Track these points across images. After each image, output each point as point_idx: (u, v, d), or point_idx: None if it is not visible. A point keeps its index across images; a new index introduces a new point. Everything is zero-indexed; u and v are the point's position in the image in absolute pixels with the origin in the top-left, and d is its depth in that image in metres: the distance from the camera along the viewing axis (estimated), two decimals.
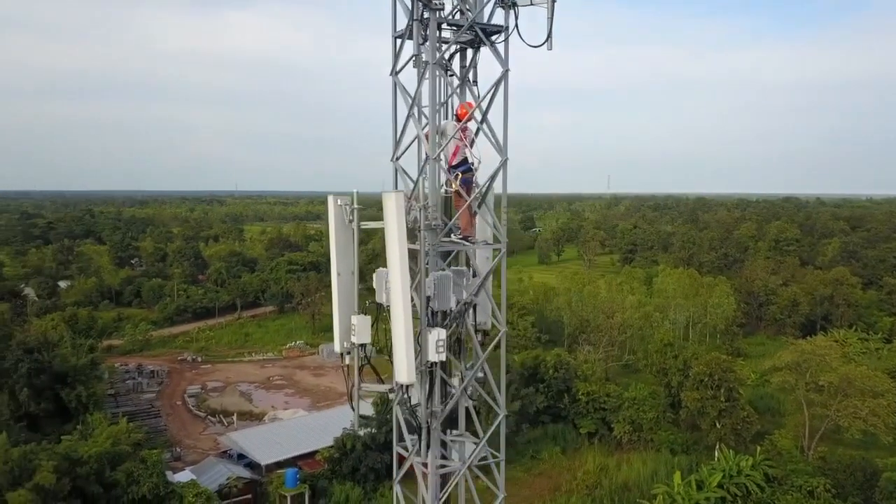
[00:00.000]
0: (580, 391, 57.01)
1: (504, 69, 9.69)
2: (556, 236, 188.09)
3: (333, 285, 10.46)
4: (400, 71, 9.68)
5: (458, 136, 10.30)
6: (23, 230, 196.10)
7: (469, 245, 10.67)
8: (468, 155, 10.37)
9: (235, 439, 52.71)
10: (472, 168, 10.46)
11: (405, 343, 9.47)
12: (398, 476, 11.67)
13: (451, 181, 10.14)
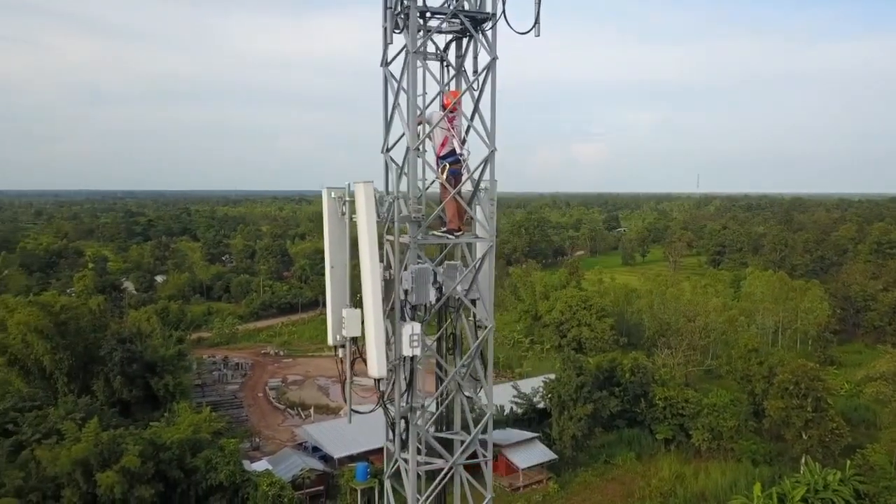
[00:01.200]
0: (657, 396, 55.36)
1: (492, 57, 9.45)
2: (642, 236, 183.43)
3: (327, 278, 10.51)
4: (391, 62, 9.59)
5: (445, 126, 10.13)
6: (126, 227, 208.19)
7: (453, 238, 10.48)
8: (456, 146, 10.16)
9: (310, 432, 54.06)
10: (461, 159, 10.25)
11: (375, 336, 9.44)
12: (388, 472, 11.60)
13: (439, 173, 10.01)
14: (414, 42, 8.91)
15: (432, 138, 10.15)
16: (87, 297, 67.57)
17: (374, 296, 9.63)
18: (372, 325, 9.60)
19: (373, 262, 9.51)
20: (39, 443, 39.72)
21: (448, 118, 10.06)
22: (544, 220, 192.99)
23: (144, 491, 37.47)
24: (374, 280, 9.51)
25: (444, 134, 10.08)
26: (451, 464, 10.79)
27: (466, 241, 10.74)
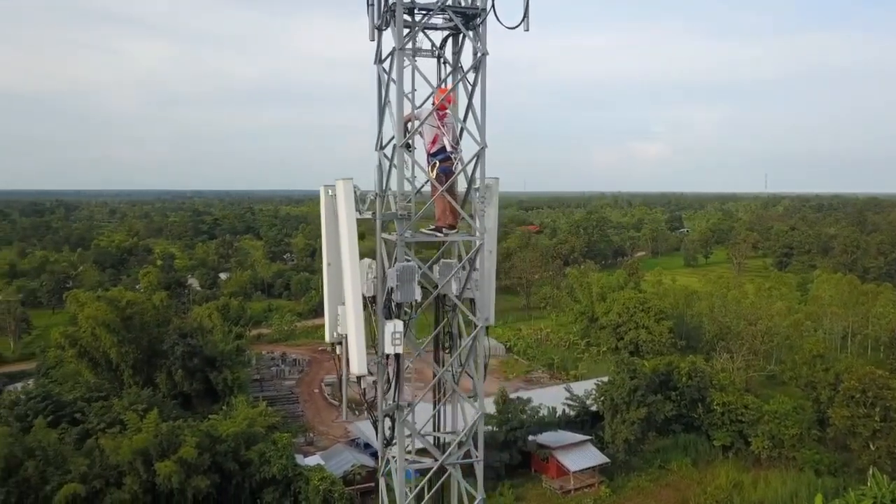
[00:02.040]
0: (716, 401, 53.84)
1: (482, 53, 9.30)
2: (705, 237, 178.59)
3: (324, 275, 10.56)
4: (384, 60, 9.55)
5: (435, 123, 10.01)
6: (193, 226, 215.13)
7: (442, 236, 10.38)
8: (446, 143, 10.03)
9: (363, 428, 54.60)
10: (452, 157, 10.11)
11: (356, 333, 9.41)
12: (382, 470, 11.56)
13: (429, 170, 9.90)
14: (400, 39, 8.88)
15: (422, 135, 10.10)
16: (151, 293, 70.06)
17: (353, 293, 9.68)
18: (353, 323, 9.65)
19: (352, 259, 9.57)
20: (104, 432, 41.44)
21: (438, 115, 9.98)
22: (604, 220, 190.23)
23: (200, 482, 38.65)
24: (354, 277, 9.55)
25: (434, 131, 10.00)
26: (440, 463, 10.68)
27: (453, 239, 10.67)
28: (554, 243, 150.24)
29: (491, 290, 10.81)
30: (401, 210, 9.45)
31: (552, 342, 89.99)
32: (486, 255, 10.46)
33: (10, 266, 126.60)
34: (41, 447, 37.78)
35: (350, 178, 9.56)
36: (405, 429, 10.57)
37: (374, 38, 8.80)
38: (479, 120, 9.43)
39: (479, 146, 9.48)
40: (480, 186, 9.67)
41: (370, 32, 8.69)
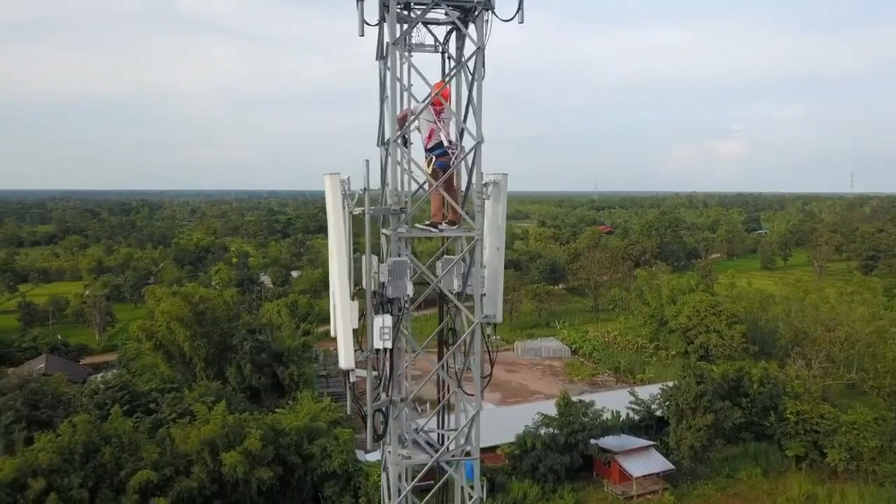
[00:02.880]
0: (789, 409, 51.61)
1: (477, 46, 9.13)
2: (784, 239, 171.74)
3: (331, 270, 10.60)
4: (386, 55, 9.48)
5: (431, 118, 9.88)
6: (267, 225, 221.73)
7: (437, 232, 10.25)
8: (442, 138, 9.87)
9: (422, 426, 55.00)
10: (449, 152, 9.95)
11: (343, 328, 9.39)
12: (385, 464, 11.51)
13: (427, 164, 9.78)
14: (394, 34, 8.85)
15: (420, 131, 10.03)
16: (223, 289, 72.55)
17: (341, 287, 9.73)
18: (340, 317, 9.70)
19: (339, 254, 9.61)
20: (175, 422, 43.14)
21: (435, 110, 9.89)
22: (678, 221, 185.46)
23: (264, 473, 39.74)
24: (342, 271, 9.59)
25: (431, 126, 9.91)
26: (435, 459, 10.61)
27: (448, 234, 10.58)
28: (625, 244, 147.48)
29: (498, 288, 10.70)
30: (394, 205, 9.45)
31: (620, 345, 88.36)
32: (494, 253, 10.37)
33: (98, 262, 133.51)
34: (117, 434, 39.65)
35: (337, 173, 9.64)
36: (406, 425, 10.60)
37: (362, 34, 8.82)
38: (477, 115, 9.33)
39: (476, 141, 9.38)
40: (477, 182, 9.57)
41: (359, 27, 8.71)
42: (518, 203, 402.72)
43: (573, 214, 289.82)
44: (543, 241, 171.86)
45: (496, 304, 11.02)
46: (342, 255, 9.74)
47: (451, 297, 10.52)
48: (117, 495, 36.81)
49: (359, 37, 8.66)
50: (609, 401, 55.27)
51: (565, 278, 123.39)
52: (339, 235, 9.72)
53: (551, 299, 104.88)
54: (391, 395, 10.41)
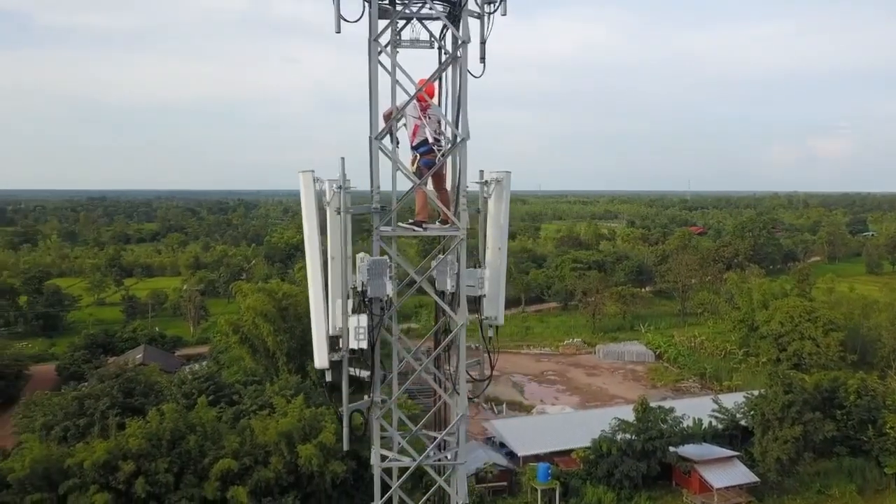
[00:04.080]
0: (889, 424, 48.34)
1: (461, 40, 8.78)
2: (893, 242, 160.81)
3: (330, 270, 10.54)
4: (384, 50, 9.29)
5: (416, 114, 9.61)
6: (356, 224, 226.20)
7: (421, 231, 9.95)
8: (427, 135, 9.57)
9: (498, 427, 54.88)
10: (434, 149, 9.65)
11: (316, 327, 9.29)
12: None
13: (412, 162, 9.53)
14: (374, 30, 8.70)
15: (406, 128, 9.85)
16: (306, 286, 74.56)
17: (314, 285, 9.66)
18: (314, 316, 9.64)
19: (312, 252, 9.55)
20: (255, 413, 44.70)
21: (421, 107, 9.68)
22: (774, 222, 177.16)
23: (338, 467, 40.60)
24: (314, 270, 9.52)
25: (415, 122, 9.70)
26: (418, 463, 10.38)
27: (432, 233, 10.35)
28: (716, 246, 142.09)
29: (500, 289, 10.44)
30: (374, 204, 9.37)
31: (707, 350, 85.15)
32: (496, 253, 10.12)
33: (195, 259, 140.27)
34: (201, 423, 41.46)
35: (311, 171, 9.62)
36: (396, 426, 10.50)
37: (338, 31, 8.74)
38: (460, 110, 9.11)
39: (460, 138, 9.15)
40: (462, 180, 9.34)
41: (336, 24, 8.63)
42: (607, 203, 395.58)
43: (664, 215, 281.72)
44: (631, 241, 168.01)
45: (497, 305, 10.78)
46: (314, 254, 9.77)
47: (435, 297, 10.43)
48: (200, 481, 38.47)
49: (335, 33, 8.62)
50: (691, 408, 53.42)
51: (652, 280, 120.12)
52: (312, 234, 9.75)
53: (636, 302, 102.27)
54: (372, 395, 10.35)
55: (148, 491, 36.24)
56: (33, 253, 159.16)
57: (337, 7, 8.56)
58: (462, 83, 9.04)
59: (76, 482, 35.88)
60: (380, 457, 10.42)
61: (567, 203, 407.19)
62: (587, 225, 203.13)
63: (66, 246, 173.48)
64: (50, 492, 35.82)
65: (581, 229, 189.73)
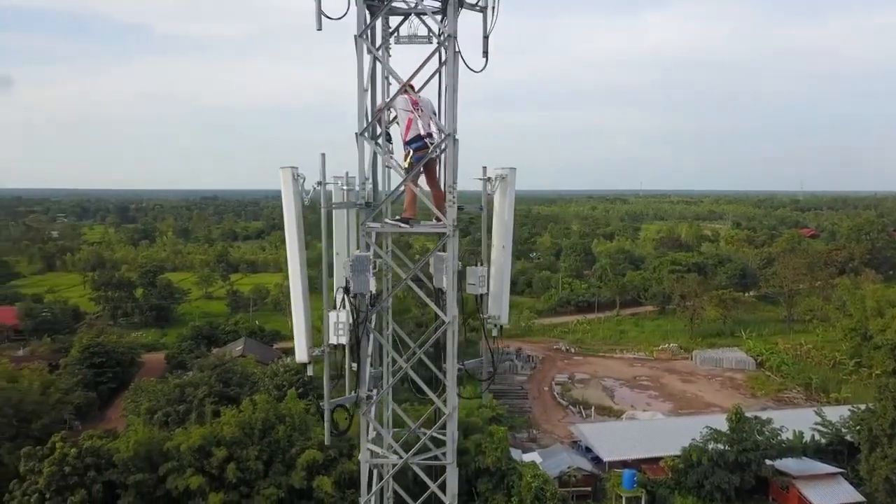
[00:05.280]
0: None
1: (447, 34, 8.43)
2: None
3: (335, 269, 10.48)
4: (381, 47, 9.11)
5: (408, 108, 9.29)
6: None
7: (407, 228, 9.63)
8: (420, 129, 9.23)
9: (584, 431, 53.89)
10: (427, 143, 9.29)
11: (296, 321, 9.21)
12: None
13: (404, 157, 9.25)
14: (360, 25, 8.55)
15: (399, 124, 9.63)
16: None
17: (295, 281, 9.60)
18: (295, 310, 9.59)
19: (291, 248, 9.48)
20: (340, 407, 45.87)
21: (412, 100, 9.43)
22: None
23: None
24: (294, 266, 9.45)
25: (408, 116, 9.45)
26: (405, 461, 10.15)
27: (419, 231, 10.07)
28: (827, 249, 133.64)
29: (504, 288, 10.14)
30: (360, 199, 9.29)
31: (813, 360, 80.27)
32: (500, 251, 9.85)
33: None
34: (290, 415, 42.95)
35: (295, 167, 9.58)
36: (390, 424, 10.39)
37: (320, 28, 8.64)
38: (449, 107, 8.88)
39: (446, 133, 8.92)
40: (449, 177, 9.09)
41: (316, 21, 8.53)
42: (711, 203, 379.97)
43: (773, 216, 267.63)
44: (735, 243, 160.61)
45: (501, 304, 10.53)
46: (294, 249, 9.79)
47: (421, 294, 10.31)
48: (287, 470, 39.87)
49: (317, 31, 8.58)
50: (792, 420, 50.54)
51: (757, 285, 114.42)
52: (291, 230, 9.77)
53: (738, 307, 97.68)
54: (359, 392, 10.32)
55: (238, 477, 37.88)
56: (150, 249, 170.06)
57: (318, 3, 8.59)
58: (449, 78, 8.89)
59: (174, 465, 38.00)
60: (368, 453, 10.44)
61: (669, 203, 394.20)
62: (689, 226, 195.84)
63: (179, 242, 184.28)
64: (151, 472, 38.10)
65: (682, 230, 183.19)
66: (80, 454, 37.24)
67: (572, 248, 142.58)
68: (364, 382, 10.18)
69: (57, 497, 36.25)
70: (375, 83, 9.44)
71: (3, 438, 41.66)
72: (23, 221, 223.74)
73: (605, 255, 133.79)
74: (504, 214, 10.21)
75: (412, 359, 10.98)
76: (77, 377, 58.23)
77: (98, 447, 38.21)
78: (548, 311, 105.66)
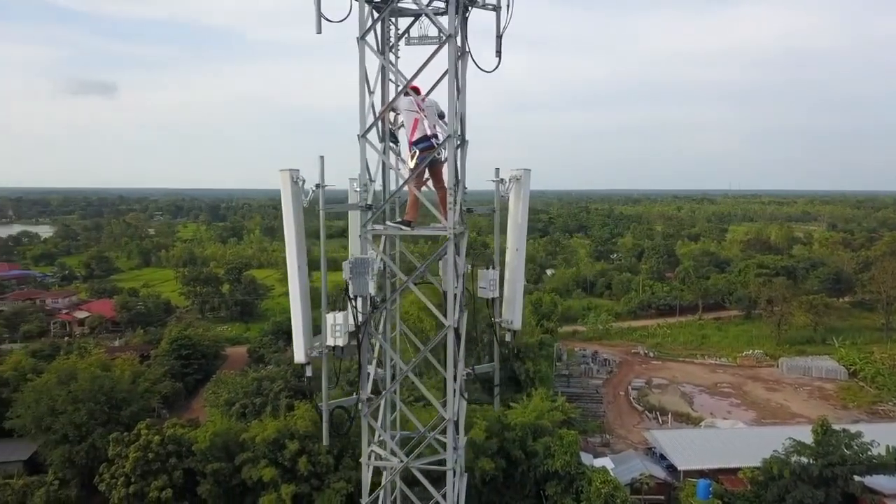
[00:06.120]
0: None
1: (447, 35, 8.10)
2: None
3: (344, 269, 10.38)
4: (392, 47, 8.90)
5: (413, 108, 8.99)
6: (530, 223, 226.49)
7: (408, 230, 9.29)
8: (426, 129, 8.91)
9: (659, 438, 52.41)
10: (434, 143, 8.95)
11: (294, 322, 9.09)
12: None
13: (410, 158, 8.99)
14: (362, 27, 8.39)
15: (405, 124, 9.40)
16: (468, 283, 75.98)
17: (295, 281, 9.50)
18: (294, 312, 9.50)
19: (290, 249, 9.40)
20: (410, 405, 46.33)
21: (418, 101, 9.18)
22: None
23: (486, 464, 40.98)
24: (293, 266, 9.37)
25: (414, 116, 9.19)
26: (405, 464, 9.91)
27: (420, 233, 9.79)
28: None
29: (517, 292, 9.83)
30: (363, 202, 9.17)
31: None
32: (514, 253, 9.57)
33: None
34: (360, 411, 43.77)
35: (296, 170, 9.51)
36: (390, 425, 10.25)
37: (319, 31, 8.54)
38: (450, 108, 8.64)
39: (447, 134, 8.68)
40: (450, 178, 8.84)
41: (316, 24, 8.43)
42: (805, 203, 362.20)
43: (873, 217, 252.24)
44: (830, 246, 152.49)
45: (514, 308, 10.27)
46: (292, 251, 9.79)
47: (423, 298, 10.16)
48: (357, 465, 40.61)
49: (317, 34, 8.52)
50: (887, 434, 47.44)
51: (852, 290, 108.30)
52: (290, 231, 9.77)
53: (830, 313, 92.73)
54: (360, 393, 10.24)
55: (310, 470, 38.85)
56: (238, 246, 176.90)
57: (318, 6, 8.60)
58: (452, 79, 8.74)
59: (249, 455, 39.35)
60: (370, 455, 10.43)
61: (760, 203, 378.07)
62: (779, 227, 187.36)
63: (265, 240, 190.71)
64: (227, 462, 39.60)
65: (772, 232, 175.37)
66: (163, 441, 39.14)
67: (655, 249, 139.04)
68: (365, 384, 10.23)
69: (141, 481, 38.22)
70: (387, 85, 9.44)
71: (95, 424, 44.21)
72: (123, 219, 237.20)
73: (689, 257, 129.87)
74: (518, 217, 10.02)
75: (413, 362, 10.91)
76: (165, 368, 61.14)
77: (179, 435, 40.05)
78: (627, 313, 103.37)
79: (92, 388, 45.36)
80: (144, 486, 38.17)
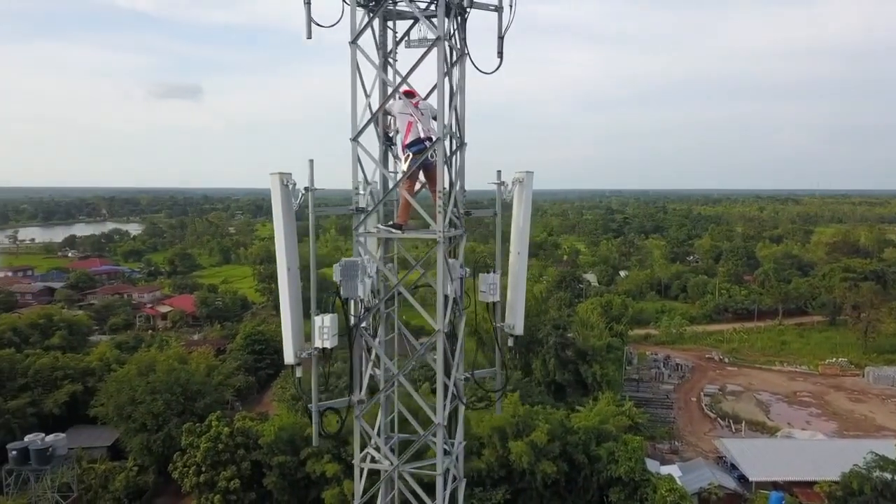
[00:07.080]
0: None
1: (436, 36, 7.79)
2: None
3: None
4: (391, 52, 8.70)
5: (407, 111, 8.70)
6: (603, 224, 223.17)
7: (399, 233, 8.97)
8: (420, 131, 8.61)
9: (729, 447, 50.62)
10: (427, 145, 8.64)
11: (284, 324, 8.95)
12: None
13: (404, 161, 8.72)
14: (354, 31, 8.23)
15: (399, 128, 9.18)
16: (532, 285, 75.34)
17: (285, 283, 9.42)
18: (283, 312, 9.42)
19: (280, 252, 9.32)
20: (473, 406, 46.32)
21: (413, 103, 8.95)
22: None
23: (548, 467, 40.57)
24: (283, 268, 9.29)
25: (408, 118, 8.96)
26: (396, 467, 9.67)
27: (410, 236, 9.49)
28: None
29: (519, 296, 9.53)
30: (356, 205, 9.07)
31: None
32: (515, 257, 9.29)
33: None
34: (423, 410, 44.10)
35: (288, 173, 9.45)
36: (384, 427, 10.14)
37: (309, 36, 8.46)
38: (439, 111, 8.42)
39: (436, 137, 8.47)
40: (440, 181, 8.59)
41: (306, 30, 8.35)
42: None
43: None
44: None
45: (516, 313, 9.99)
46: (282, 253, 9.76)
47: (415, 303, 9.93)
48: None
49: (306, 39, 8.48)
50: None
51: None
52: (280, 234, 9.76)
53: None
54: (351, 396, 10.16)
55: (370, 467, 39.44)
56: None
57: (308, 11, 8.62)
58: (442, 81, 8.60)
59: (313, 450, 40.26)
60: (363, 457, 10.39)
61: (850, 204, 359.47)
62: (869, 229, 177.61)
63: (339, 239, 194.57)
64: (293, 455, 40.65)
65: (861, 234, 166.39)
66: (232, 433, 40.53)
67: (733, 251, 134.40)
68: (356, 387, 10.26)
69: (211, 471, 39.69)
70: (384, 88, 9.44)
71: (171, 414, 46.20)
72: (206, 218, 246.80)
73: (769, 260, 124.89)
74: (520, 220, 9.78)
75: (407, 366, 10.85)
76: (238, 362, 63.25)
77: (247, 428, 41.37)
78: (702, 317, 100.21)
79: (168, 379, 47.41)
80: (214, 475, 39.61)
